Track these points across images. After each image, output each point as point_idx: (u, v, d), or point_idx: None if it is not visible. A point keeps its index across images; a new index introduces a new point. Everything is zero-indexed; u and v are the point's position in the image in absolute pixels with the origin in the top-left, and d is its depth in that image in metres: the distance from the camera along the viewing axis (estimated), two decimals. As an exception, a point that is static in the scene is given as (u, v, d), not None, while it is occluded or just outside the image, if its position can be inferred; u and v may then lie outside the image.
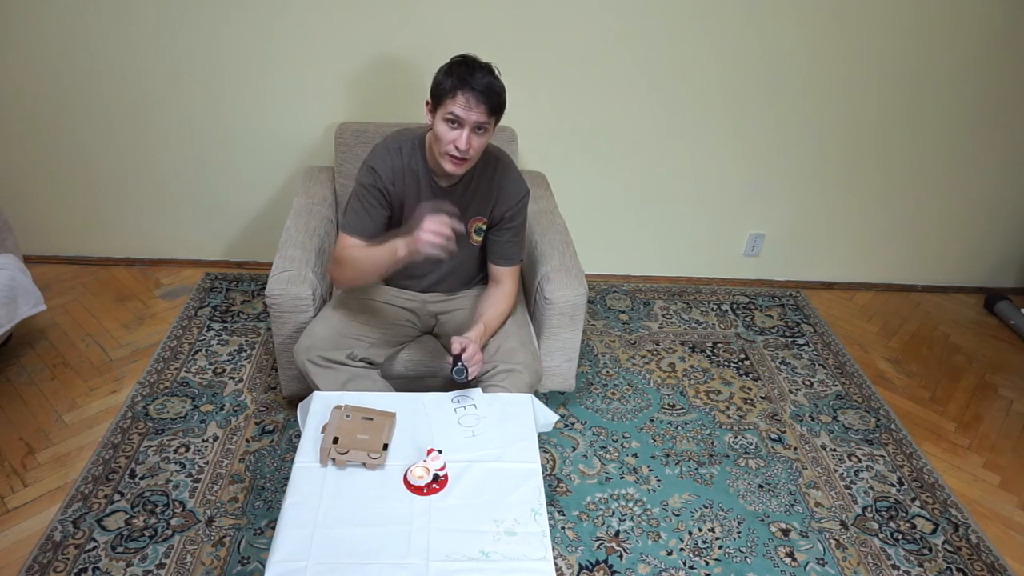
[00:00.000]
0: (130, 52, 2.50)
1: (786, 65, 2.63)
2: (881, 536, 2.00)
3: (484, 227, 1.95)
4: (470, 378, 1.72)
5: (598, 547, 1.89)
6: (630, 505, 2.02)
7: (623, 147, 2.78)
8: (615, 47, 2.56)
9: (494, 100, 1.69)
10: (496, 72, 1.72)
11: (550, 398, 2.36)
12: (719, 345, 2.74)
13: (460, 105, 1.66)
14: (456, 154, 1.71)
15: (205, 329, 2.60)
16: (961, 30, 2.59)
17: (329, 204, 2.37)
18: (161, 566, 1.75)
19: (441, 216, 1.61)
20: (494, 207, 1.92)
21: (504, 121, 2.49)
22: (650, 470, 2.14)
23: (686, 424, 2.33)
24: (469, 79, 1.66)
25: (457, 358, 1.70)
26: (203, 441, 2.12)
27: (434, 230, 1.58)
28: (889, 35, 2.59)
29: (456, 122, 1.68)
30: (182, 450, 2.08)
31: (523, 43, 2.53)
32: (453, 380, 1.73)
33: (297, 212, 2.27)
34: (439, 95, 1.70)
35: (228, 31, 2.47)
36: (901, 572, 1.90)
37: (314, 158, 2.72)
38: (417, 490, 1.44)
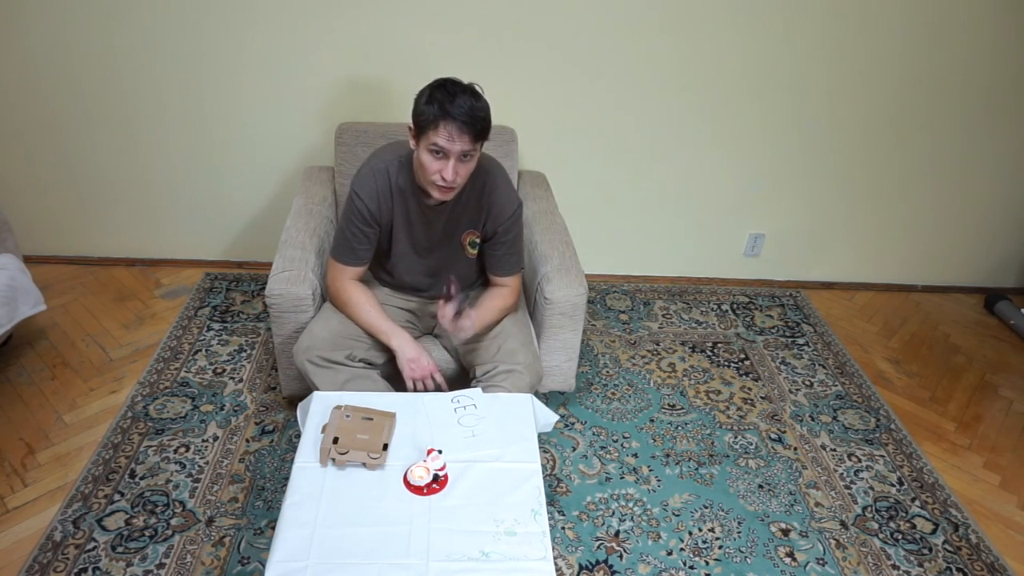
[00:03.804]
0: (130, 52, 2.50)
1: (787, 66, 2.63)
2: (881, 536, 2.00)
3: (478, 240, 1.94)
4: (463, 333, 1.79)
5: (598, 547, 1.89)
6: (630, 505, 2.02)
7: (623, 147, 2.78)
8: (616, 47, 2.56)
9: (478, 126, 1.63)
10: (479, 92, 1.67)
11: (550, 398, 2.36)
12: (719, 345, 2.73)
13: (443, 137, 1.62)
14: (443, 184, 1.69)
15: (205, 329, 2.59)
16: (962, 31, 2.59)
17: (329, 204, 2.37)
18: (161, 566, 1.75)
19: (428, 374, 1.84)
20: (486, 222, 1.90)
21: (504, 121, 2.51)
22: (650, 470, 2.14)
23: (686, 424, 2.33)
24: (450, 108, 1.59)
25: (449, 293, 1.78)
26: (203, 441, 2.12)
27: (417, 376, 1.83)
28: (890, 36, 2.59)
29: (440, 152, 1.64)
30: (182, 450, 2.08)
31: (523, 43, 2.53)
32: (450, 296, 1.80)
33: (297, 212, 2.27)
34: (421, 125, 1.65)
35: (228, 31, 2.47)
36: (901, 572, 1.90)
37: (314, 158, 2.72)
38: (417, 490, 1.44)
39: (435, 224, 1.89)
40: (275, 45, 2.50)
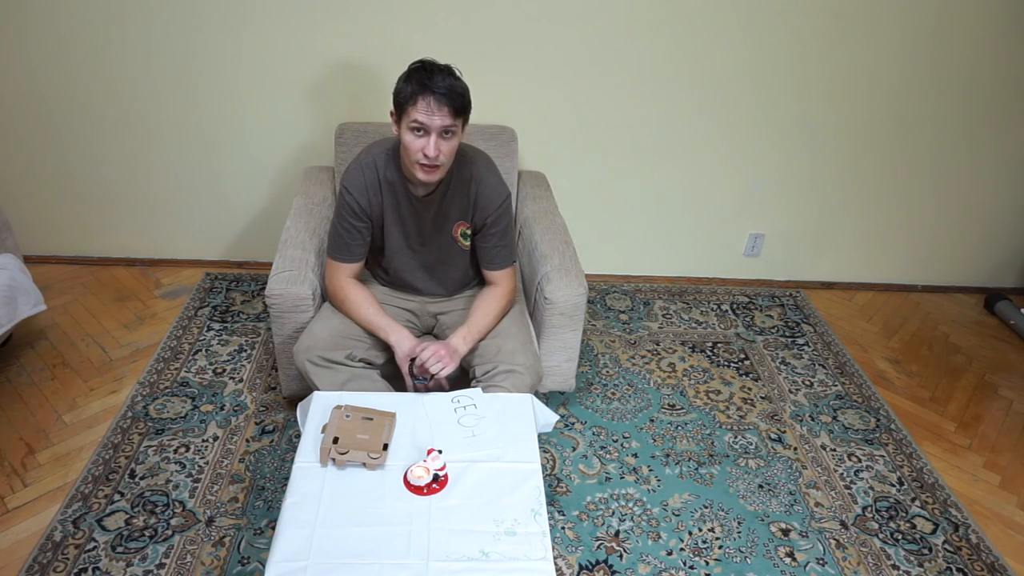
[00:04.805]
0: (130, 52, 2.50)
1: (787, 66, 2.63)
2: (881, 536, 2.00)
3: (469, 231, 1.94)
4: (435, 375, 1.76)
5: (598, 547, 1.89)
6: (630, 505, 2.02)
7: (623, 147, 2.78)
8: (616, 47, 2.56)
9: (457, 102, 1.66)
10: (457, 73, 1.70)
11: (550, 398, 2.36)
12: (719, 345, 2.73)
13: (422, 111, 1.64)
14: (426, 162, 1.70)
15: (205, 329, 2.60)
16: (964, 31, 2.59)
17: (329, 204, 2.37)
18: (161, 566, 1.75)
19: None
20: (474, 213, 1.90)
21: (504, 121, 2.52)
22: (650, 470, 2.14)
23: (686, 424, 2.33)
24: (428, 83, 1.63)
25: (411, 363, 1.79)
26: (203, 441, 2.12)
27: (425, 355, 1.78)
28: (890, 37, 2.59)
29: (421, 129, 1.66)
30: (182, 450, 2.08)
31: (523, 43, 2.53)
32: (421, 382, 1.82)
33: (297, 212, 2.27)
34: (401, 104, 1.68)
35: (228, 30, 2.47)
36: (901, 572, 1.90)
37: (314, 158, 2.72)
38: (417, 490, 1.44)
39: (425, 216, 1.89)
40: (275, 44, 2.50)
